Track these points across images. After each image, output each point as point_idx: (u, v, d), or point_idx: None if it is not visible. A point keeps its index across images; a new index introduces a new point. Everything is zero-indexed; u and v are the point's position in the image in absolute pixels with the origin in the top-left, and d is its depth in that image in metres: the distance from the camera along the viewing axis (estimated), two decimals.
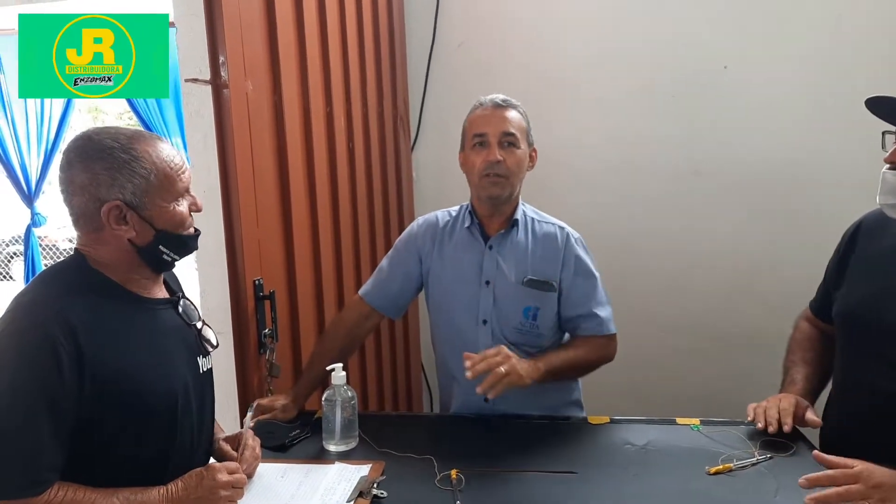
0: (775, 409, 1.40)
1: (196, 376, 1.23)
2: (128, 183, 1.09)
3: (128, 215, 1.10)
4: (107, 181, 1.08)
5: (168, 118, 4.91)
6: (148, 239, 1.13)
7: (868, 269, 1.40)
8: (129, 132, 1.13)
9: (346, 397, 1.44)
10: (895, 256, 1.34)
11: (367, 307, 1.74)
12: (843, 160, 2.45)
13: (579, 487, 1.26)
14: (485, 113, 1.63)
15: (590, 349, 1.64)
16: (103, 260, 1.14)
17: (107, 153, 1.09)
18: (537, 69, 2.71)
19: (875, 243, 1.40)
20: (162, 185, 1.12)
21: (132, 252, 1.14)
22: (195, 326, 1.26)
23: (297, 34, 1.89)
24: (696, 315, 2.72)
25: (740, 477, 1.28)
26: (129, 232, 1.11)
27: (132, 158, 1.09)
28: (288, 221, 1.85)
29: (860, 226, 1.47)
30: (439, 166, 2.83)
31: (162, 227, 1.14)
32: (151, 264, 1.17)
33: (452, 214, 1.75)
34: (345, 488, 1.25)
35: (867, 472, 1.09)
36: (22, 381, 1.01)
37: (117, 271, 1.15)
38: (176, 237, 1.16)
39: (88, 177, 1.08)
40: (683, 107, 2.63)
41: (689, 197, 2.68)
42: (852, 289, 1.42)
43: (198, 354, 1.25)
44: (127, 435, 1.10)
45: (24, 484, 0.99)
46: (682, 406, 1.83)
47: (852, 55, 2.46)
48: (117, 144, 1.09)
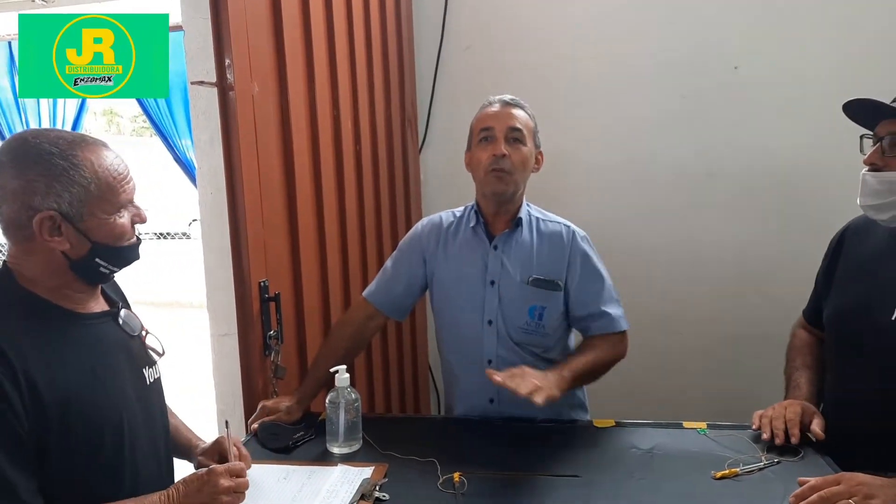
0: (782, 420, 1.38)
1: (142, 388, 1.17)
2: (65, 192, 1.02)
3: (62, 226, 1.03)
4: (41, 189, 1.00)
5: (178, 120, 4.96)
6: (83, 252, 1.06)
7: (854, 272, 1.41)
8: (70, 137, 1.05)
9: (349, 399, 1.44)
10: (879, 259, 1.35)
11: (371, 308, 1.74)
12: (856, 161, 2.41)
13: (583, 491, 1.25)
14: (492, 109, 1.63)
15: (605, 349, 1.61)
16: (32, 275, 1.06)
17: (44, 159, 1.01)
18: (545, 72, 2.70)
19: (860, 247, 1.43)
20: (103, 195, 1.05)
21: (64, 265, 1.06)
22: (139, 337, 1.20)
23: (303, 36, 1.90)
24: (707, 316, 2.69)
25: (747, 482, 1.26)
26: (63, 244, 1.04)
27: (71, 166, 1.02)
28: (294, 223, 1.85)
29: (846, 231, 1.50)
30: (447, 168, 2.83)
31: (99, 240, 1.07)
32: (86, 277, 1.10)
33: (457, 215, 1.75)
34: (347, 491, 1.24)
35: (849, 475, 1.13)
36: None
37: (48, 287, 1.07)
38: (114, 249, 1.09)
39: (21, 183, 1.00)
40: (694, 108, 2.61)
41: (700, 198, 2.66)
42: (840, 294, 1.44)
43: (143, 365, 1.20)
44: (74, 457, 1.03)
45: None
46: (691, 409, 1.81)
47: (865, 55, 2.43)
48: (56, 150, 1.02)
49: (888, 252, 1.34)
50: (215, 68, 1.56)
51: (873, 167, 1.29)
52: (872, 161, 1.29)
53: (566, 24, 2.68)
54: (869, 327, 1.32)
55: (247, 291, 1.64)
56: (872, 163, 1.29)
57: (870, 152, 1.30)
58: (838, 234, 1.52)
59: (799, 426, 1.36)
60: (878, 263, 1.35)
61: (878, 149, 1.29)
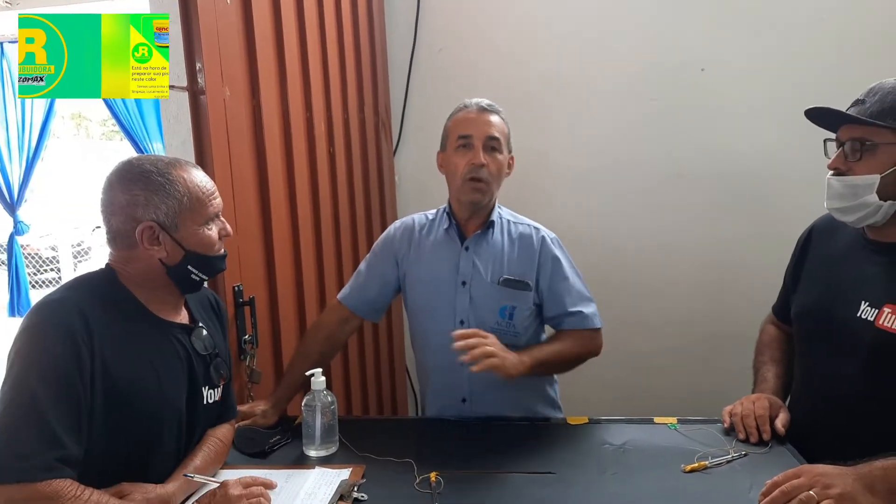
0: (752, 418, 1.42)
1: (195, 405, 1.27)
2: (162, 204, 1.15)
3: (160, 236, 1.17)
4: (143, 202, 1.15)
5: (149, 124, 4.91)
6: (177, 259, 1.19)
7: (821, 270, 1.46)
8: (167, 159, 1.20)
9: (325, 402, 1.44)
10: (845, 258, 1.40)
11: (346, 311, 1.74)
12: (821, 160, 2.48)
13: (558, 487, 1.27)
14: (470, 115, 1.63)
15: (575, 342, 1.64)
16: (133, 277, 1.20)
17: (144, 176, 1.15)
18: (518, 74, 2.73)
19: (826, 246, 1.47)
20: (194, 208, 1.19)
21: (162, 271, 1.20)
22: (206, 357, 1.29)
23: (275, 40, 1.90)
24: (678, 316, 2.75)
25: (715, 474, 1.29)
26: (161, 252, 1.18)
27: (167, 182, 1.16)
28: (268, 226, 1.85)
29: (812, 230, 1.55)
30: (421, 170, 2.84)
31: (191, 249, 1.20)
32: (179, 283, 1.23)
33: (429, 217, 1.76)
34: (325, 492, 1.25)
35: (808, 467, 1.16)
36: (45, 372, 1.04)
37: (144, 289, 1.21)
38: (204, 258, 1.22)
39: (127, 198, 1.15)
40: (664, 109, 2.66)
41: (671, 199, 2.71)
42: (807, 290, 1.48)
43: (204, 384, 1.29)
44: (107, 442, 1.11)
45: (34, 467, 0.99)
46: (662, 405, 1.85)
47: (828, 58, 2.50)
48: (155, 169, 1.16)
49: (853, 251, 1.39)
50: (186, 73, 1.56)
51: (837, 171, 1.33)
52: (836, 166, 1.33)
53: (538, 28, 2.71)
54: (835, 323, 1.36)
55: (221, 296, 1.62)
56: (836, 167, 1.33)
57: (833, 157, 1.34)
58: (805, 233, 1.56)
59: (769, 422, 1.41)
60: (843, 262, 1.40)
61: (840, 153, 1.33)
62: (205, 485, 1.23)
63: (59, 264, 7.79)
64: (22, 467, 0.99)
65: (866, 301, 1.31)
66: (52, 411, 1.02)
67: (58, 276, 7.71)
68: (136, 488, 1.13)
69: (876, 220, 1.30)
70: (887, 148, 1.26)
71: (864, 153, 1.29)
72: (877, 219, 1.30)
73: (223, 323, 1.41)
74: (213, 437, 1.34)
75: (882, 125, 1.26)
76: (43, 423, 1.01)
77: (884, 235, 1.34)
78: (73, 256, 8.02)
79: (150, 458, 1.18)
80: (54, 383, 1.04)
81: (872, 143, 1.27)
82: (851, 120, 1.30)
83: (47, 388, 1.03)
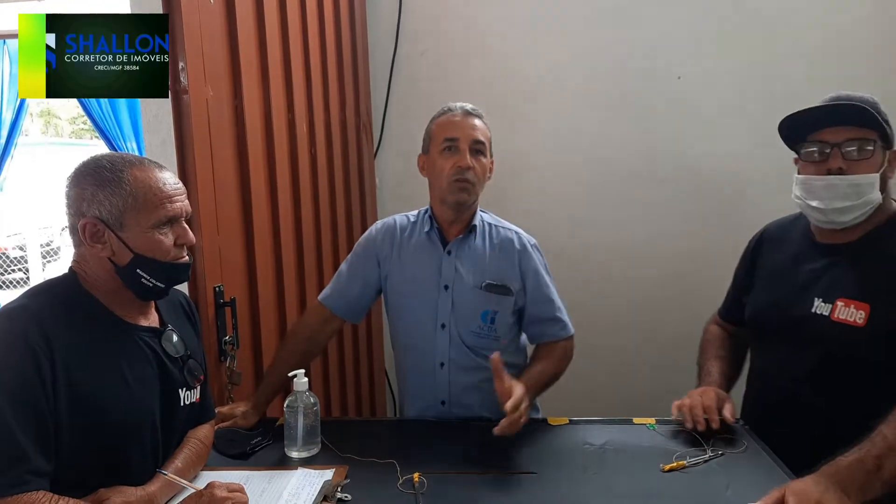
0: (700, 408, 1.48)
1: (171, 407, 1.24)
2: (105, 201, 1.11)
3: (105, 234, 1.12)
4: (88, 196, 1.11)
5: (123, 122, 4.83)
6: (125, 260, 1.14)
7: (774, 274, 1.56)
8: (130, 158, 1.17)
9: (308, 403, 1.44)
10: (796, 261, 1.51)
11: (326, 312, 1.73)
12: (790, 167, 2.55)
13: (539, 487, 1.29)
14: (455, 118, 1.64)
15: (557, 359, 1.68)
16: (93, 280, 1.16)
17: (96, 172, 1.12)
18: (498, 78, 2.76)
19: (778, 250, 1.58)
20: (141, 208, 1.13)
21: (112, 271, 1.15)
22: (179, 359, 1.27)
23: (258, 41, 1.89)
24: (654, 315, 2.79)
25: (693, 473, 1.32)
26: (106, 250, 1.13)
27: (116, 178, 1.12)
28: (249, 228, 1.84)
29: (763, 236, 1.66)
30: (402, 172, 2.85)
31: (139, 251, 1.14)
32: (132, 287, 1.18)
33: (411, 219, 1.77)
34: (309, 493, 1.25)
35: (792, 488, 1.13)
36: (5, 385, 1.01)
37: (104, 292, 1.17)
38: (155, 263, 1.16)
39: (77, 192, 1.13)
40: (640, 114, 2.71)
41: (647, 202, 2.76)
42: (763, 292, 1.58)
43: (180, 386, 1.26)
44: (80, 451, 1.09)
45: (2, 483, 0.98)
46: (640, 406, 1.88)
47: (801, 66, 2.58)
48: (108, 165, 1.13)
49: (803, 253, 1.50)
50: (169, 72, 1.54)
51: (839, 171, 1.37)
52: (838, 165, 1.37)
53: (520, 31, 2.75)
54: (792, 320, 1.46)
55: (201, 297, 1.62)
56: (838, 167, 1.37)
57: (831, 158, 1.38)
58: (756, 237, 1.67)
59: (716, 412, 1.47)
60: (795, 264, 1.51)
61: (837, 153, 1.37)
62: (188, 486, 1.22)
63: (28, 264, 7.62)
64: None
65: (819, 297, 1.42)
66: (17, 425, 1.00)
67: (26, 277, 7.54)
68: (114, 493, 1.11)
69: (861, 219, 1.38)
70: (877, 150, 1.37)
71: (863, 153, 1.36)
72: (863, 218, 1.38)
73: (196, 324, 1.39)
74: (194, 438, 1.33)
75: (871, 128, 1.35)
76: (8, 438, 0.99)
77: (830, 238, 1.45)
78: (41, 256, 7.84)
79: (128, 461, 1.16)
80: (16, 396, 1.01)
81: (870, 142, 1.35)
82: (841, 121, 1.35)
83: (10, 402, 1.00)
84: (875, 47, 2.56)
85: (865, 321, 1.34)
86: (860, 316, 1.35)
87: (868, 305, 1.34)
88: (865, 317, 1.34)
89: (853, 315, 1.36)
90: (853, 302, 1.36)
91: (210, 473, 1.33)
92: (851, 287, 1.38)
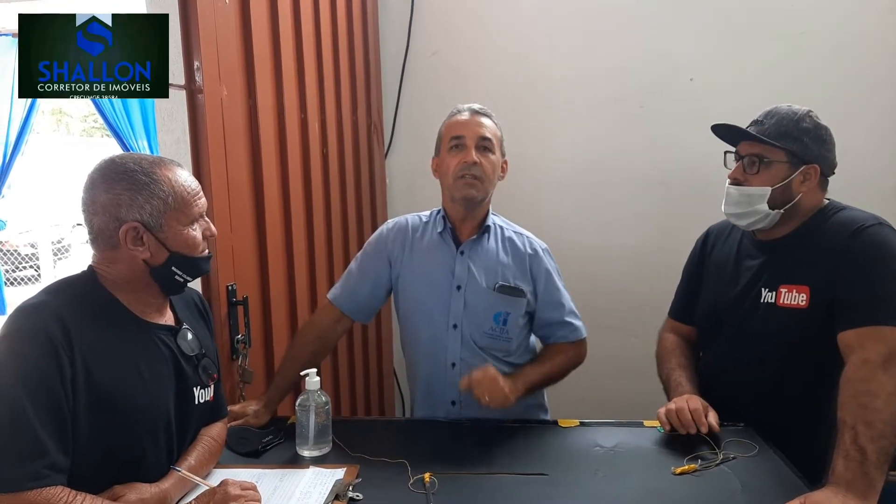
0: (686, 412, 1.49)
1: (185, 405, 1.26)
2: (146, 204, 1.13)
3: (144, 236, 1.14)
4: (126, 202, 1.12)
5: (134, 120, 4.86)
6: (161, 260, 1.17)
7: (720, 269, 1.65)
8: (151, 158, 1.18)
9: (319, 402, 1.44)
10: (738, 257, 1.62)
11: (336, 312, 1.73)
12: None
13: (550, 489, 1.29)
14: (462, 118, 1.66)
15: (563, 358, 1.69)
16: (115, 279, 1.17)
17: (129, 175, 1.13)
18: (509, 78, 2.75)
19: (722, 248, 1.68)
20: (178, 208, 1.16)
21: (145, 272, 1.17)
22: (194, 358, 1.28)
23: (271, 41, 1.90)
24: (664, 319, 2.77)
25: (705, 477, 1.32)
26: (145, 253, 1.15)
27: (152, 181, 1.14)
28: (262, 227, 1.85)
29: (708, 236, 1.75)
30: (412, 173, 2.85)
31: (175, 249, 1.18)
32: (163, 285, 1.21)
33: (423, 219, 1.77)
34: (320, 492, 1.25)
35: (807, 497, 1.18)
36: (26, 380, 1.02)
37: (126, 291, 1.18)
38: (189, 259, 1.20)
39: (110, 197, 1.12)
40: (651, 116, 2.70)
41: (657, 204, 2.74)
42: (711, 289, 1.67)
43: (195, 384, 1.28)
44: (96, 447, 1.10)
45: (22, 476, 0.99)
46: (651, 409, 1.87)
47: (813, 68, 2.56)
48: (139, 168, 1.14)
49: (745, 250, 1.61)
50: (184, 71, 1.55)
51: (735, 181, 1.52)
52: (735, 176, 1.53)
53: (531, 33, 2.74)
54: (741, 313, 1.55)
55: (214, 295, 1.63)
56: (735, 178, 1.53)
57: (734, 168, 1.54)
58: (702, 238, 1.76)
59: (705, 417, 1.48)
60: (738, 259, 1.61)
61: (739, 166, 1.53)
62: (202, 483, 1.22)
63: (39, 261, 7.67)
64: (10, 477, 0.98)
65: (765, 288, 1.52)
66: (37, 419, 1.01)
67: (37, 274, 7.60)
68: (129, 489, 1.12)
69: (763, 225, 1.51)
70: (779, 165, 1.48)
71: (760, 167, 1.49)
72: (764, 224, 1.51)
73: (209, 323, 1.40)
74: (207, 435, 1.34)
75: (777, 146, 1.47)
76: (28, 432, 1.00)
77: (769, 235, 1.55)
78: (52, 254, 7.90)
79: (143, 458, 1.17)
80: (36, 391, 1.02)
81: (768, 160, 1.48)
82: (752, 138, 1.50)
83: (30, 396, 1.01)
84: (889, 48, 2.54)
85: (808, 302, 1.45)
86: (802, 298, 1.46)
87: (808, 287, 1.45)
88: (807, 299, 1.45)
89: (796, 299, 1.47)
90: (794, 287, 1.47)
91: (222, 471, 1.34)
92: (791, 273, 1.48)
